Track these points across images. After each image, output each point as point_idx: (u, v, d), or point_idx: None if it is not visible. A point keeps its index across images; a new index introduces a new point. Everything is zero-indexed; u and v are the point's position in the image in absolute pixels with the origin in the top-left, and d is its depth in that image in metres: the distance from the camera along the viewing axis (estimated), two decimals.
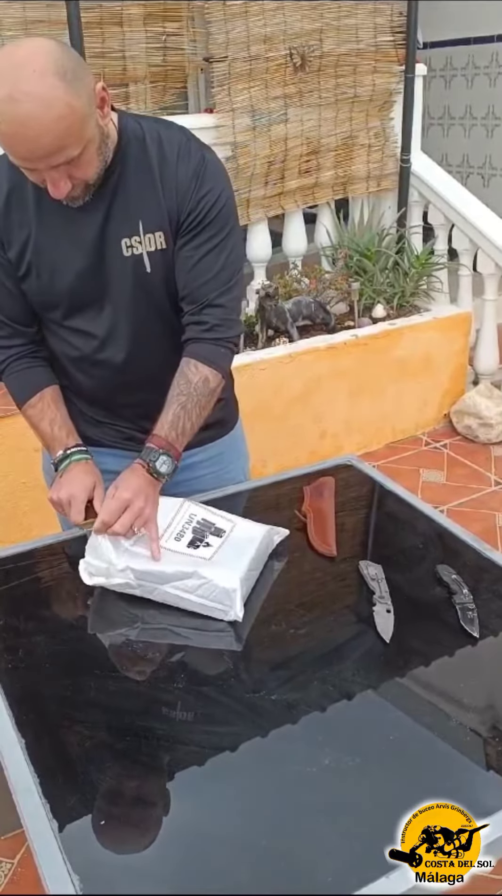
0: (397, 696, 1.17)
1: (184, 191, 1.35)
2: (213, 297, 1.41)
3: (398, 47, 3.82)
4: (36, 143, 1.15)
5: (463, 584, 1.36)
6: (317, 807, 1.00)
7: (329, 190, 3.90)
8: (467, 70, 5.38)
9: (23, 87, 1.11)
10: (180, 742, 1.10)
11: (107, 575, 1.32)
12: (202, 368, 1.42)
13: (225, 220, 1.39)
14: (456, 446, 3.76)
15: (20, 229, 1.37)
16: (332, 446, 3.56)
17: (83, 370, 1.51)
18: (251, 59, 3.40)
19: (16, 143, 1.16)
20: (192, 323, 1.43)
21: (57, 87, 1.12)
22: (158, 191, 1.35)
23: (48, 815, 0.98)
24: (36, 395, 1.50)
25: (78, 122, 1.17)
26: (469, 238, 3.84)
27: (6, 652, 1.25)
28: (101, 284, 1.40)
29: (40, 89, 1.12)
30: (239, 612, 1.27)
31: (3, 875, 1.75)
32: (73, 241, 1.36)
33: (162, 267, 1.39)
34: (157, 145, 1.35)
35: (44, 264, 1.39)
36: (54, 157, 1.18)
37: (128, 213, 1.35)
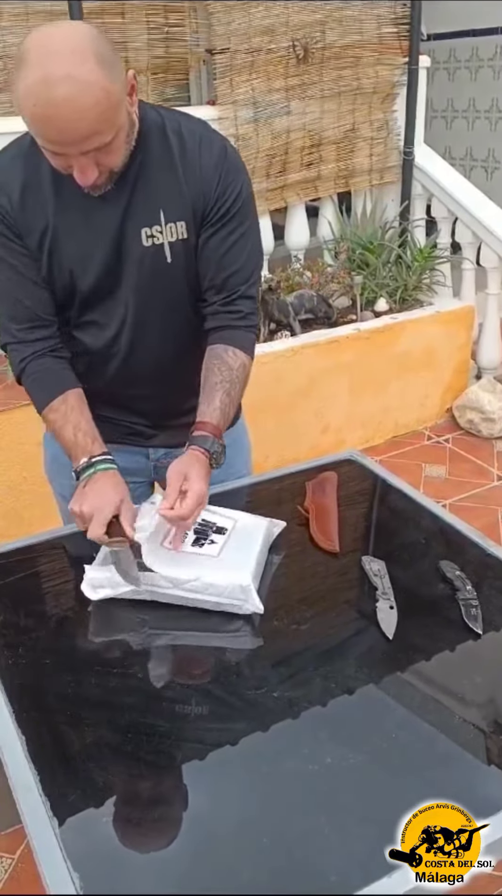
0: (400, 694, 1.16)
1: (208, 182, 1.34)
2: (244, 288, 1.43)
3: (401, 39, 3.79)
4: (71, 126, 1.13)
5: (466, 581, 1.35)
6: (319, 805, 0.99)
7: (331, 183, 3.88)
8: (471, 62, 5.36)
9: (61, 69, 1.09)
10: (181, 739, 1.09)
11: (113, 585, 1.29)
12: (240, 355, 1.44)
13: (248, 209, 1.42)
14: (458, 441, 3.75)
15: (37, 222, 1.34)
16: (334, 440, 3.55)
17: (93, 363, 1.49)
18: (253, 51, 3.38)
19: (50, 126, 1.14)
20: (224, 312, 1.43)
21: (95, 71, 1.11)
22: (180, 181, 1.34)
23: (48, 812, 0.97)
24: (58, 398, 1.41)
25: (113, 107, 1.16)
26: (472, 231, 3.82)
27: (6, 648, 1.25)
28: (119, 274, 1.38)
29: (79, 73, 1.10)
30: (258, 604, 1.27)
31: (4, 871, 1.75)
32: (93, 232, 1.35)
33: (182, 257, 1.38)
34: (177, 135, 1.34)
35: (62, 256, 1.37)
36: (87, 143, 1.16)
37: (150, 202, 1.34)
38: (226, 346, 1.43)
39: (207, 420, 1.37)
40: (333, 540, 1.47)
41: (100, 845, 0.96)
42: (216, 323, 1.44)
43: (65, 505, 1.65)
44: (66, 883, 0.89)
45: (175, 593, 1.28)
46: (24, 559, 1.48)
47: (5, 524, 2.78)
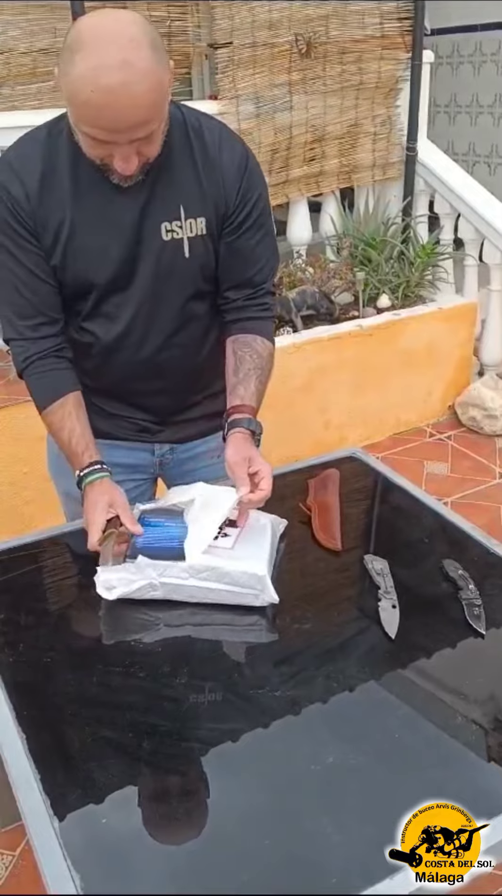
0: (402, 693, 1.15)
1: (230, 183, 1.37)
2: (268, 285, 1.50)
3: (405, 34, 3.77)
4: (125, 113, 1.13)
5: (469, 580, 1.34)
6: (320, 806, 0.98)
7: (334, 178, 3.86)
8: (474, 57, 5.33)
9: (118, 56, 1.09)
10: (183, 739, 1.08)
11: (127, 583, 1.28)
12: (268, 344, 1.50)
13: (268, 207, 1.46)
14: (460, 438, 3.74)
15: (54, 213, 1.33)
16: (336, 437, 3.55)
17: (103, 355, 1.48)
18: (256, 46, 3.37)
19: (104, 113, 1.13)
20: (251, 305, 1.48)
21: (149, 58, 1.12)
22: (201, 178, 1.35)
23: (48, 811, 0.97)
24: (57, 401, 1.43)
25: (163, 96, 1.17)
26: (475, 227, 3.81)
27: (7, 646, 1.24)
28: (135, 267, 1.38)
29: (136, 60, 1.10)
30: (273, 595, 1.27)
31: (4, 868, 1.75)
32: (111, 224, 1.34)
33: (201, 253, 1.39)
34: (197, 133, 1.35)
35: (79, 248, 1.35)
36: (138, 131, 1.16)
37: (170, 197, 1.34)
38: (254, 335, 1.48)
39: (246, 402, 1.43)
40: (335, 538, 1.46)
41: (100, 845, 0.96)
42: (240, 315, 1.48)
43: (69, 502, 1.65)
44: (67, 882, 0.89)
45: (189, 584, 1.28)
46: (27, 556, 1.48)
47: (7, 520, 2.77)
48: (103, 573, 1.29)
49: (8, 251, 1.36)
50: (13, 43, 3.00)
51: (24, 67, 3.01)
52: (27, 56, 3.02)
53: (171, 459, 1.65)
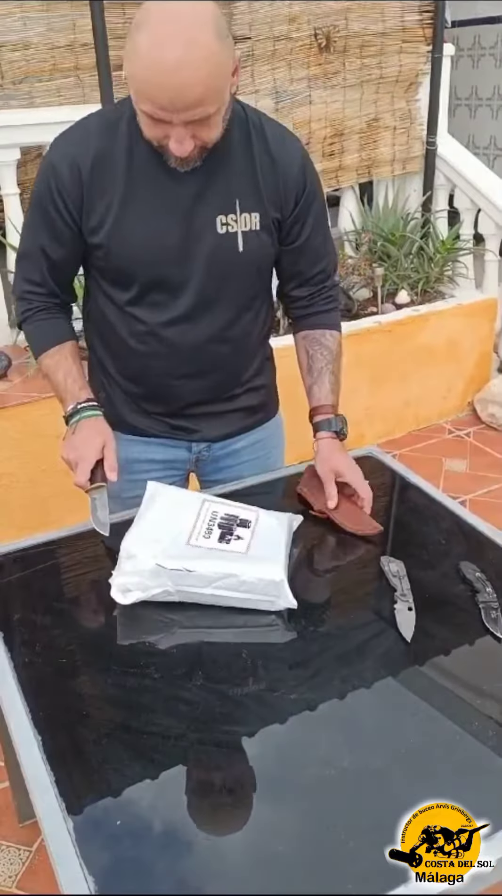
0: (418, 697, 1.14)
1: (293, 181, 1.40)
2: (334, 275, 1.57)
3: (425, 27, 3.74)
4: (184, 92, 1.14)
5: (486, 583, 1.33)
6: (335, 810, 0.98)
7: (353, 173, 3.84)
8: (496, 49, 5.27)
9: (184, 35, 1.12)
10: (197, 741, 1.08)
11: (143, 588, 1.28)
12: (335, 335, 1.58)
13: (324, 202, 1.51)
14: (479, 435, 3.71)
15: (104, 196, 1.34)
16: (354, 434, 3.49)
17: (151, 351, 1.48)
18: (275, 40, 3.35)
19: (162, 90, 1.14)
20: (319, 300, 1.56)
21: (213, 42, 1.13)
22: (258, 174, 1.37)
23: (63, 813, 0.97)
24: (55, 346, 1.50)
25: (223, 80, 1.18)
26: (495, 222, 3.78)
27: (23, 646, 1.25)
28: (188, 258, 1.38)
29: (198, 40, 1.12)
30: (291, 600, 1.26)
31: (21, 863, 1.76)
32: (164, 212, 1.35)
33: (255, 247, 1.40)
34: (259, 131, 1.37)
35: (127, 233, 1.36)
36: (194, 111, 1.17)
37: (227, 189, 1.35)
38: (322, 329, 1.56)
39: (324, 402, 1.53)
40: (370, 523, 1.47)
41: (114, 847, 0.96)
42: (308, 311, 1.55)
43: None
44: (81, 884, 0.89)
45: (206, 592, 1.28)
46: (43, 555, 1.48)
47: (26, 516, 2.79)
48: (119, 577, 1.29)
49: (43, 215, 1.40)
50: (34, 39, 3.00)
51: (45, 64, 3.01)
52: (48, 52, 3.02)
53: (208, 456, 1.65)
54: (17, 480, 2.79)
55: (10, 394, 2.77)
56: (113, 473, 1.40)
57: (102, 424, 1.46)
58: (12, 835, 1.82)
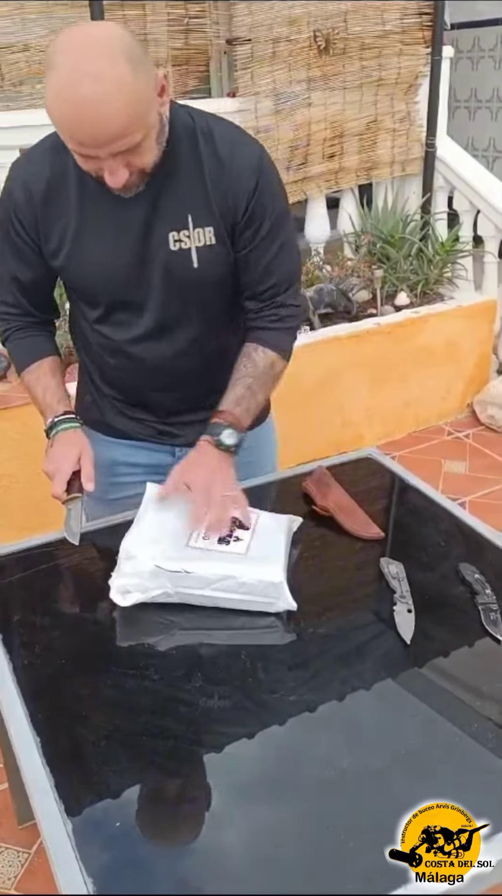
0: (417, 699, 1.14)
1: (242, 193, 1.33)
2: (282, 298, 1.45)
3: (425, 29, 3.75)
4: (102, 127, 1.12)
5: (486, 584, 1.33)
6: (335, 811, 0.98)
7: (353, 175, 3.85)
8: (495, 51, 5.28)
9: (92, 69, 1.09)
10: (197, 743, 1.08)
11: (143, 590, 1.28)
12: (269, 353, 1.46)
13: (284, 218, 1.40)
14: (478, 436, 3.72)
15: (59, 219, 1.34)
16: (353, 435, 3.53)
17: (121, 366, 1.49)
18: (275, 42, 3.35)
19: (80, 127, 1.13)
20: (263, 316, 1.46)
21: (125, 71, 1.10)
22: (208, 187, 1.32)
23: (62, 815, 0.97)
24: (35, 363, 1.51)
25: (143, 108, 1.15)
26: (494, 224, 3.78)
27: (22, 647, 1.24)
28: (144, 278, 1.37)
29: (109, 73, 1.09)
30: (291, 602, 1.26)
31: (21, 865, 1.76)
32: (118, 233, 1.34)
33: (209, 262, 1.37)
34: (208, 139, 1.32)
35: (84, 256, 1.36)
36: (117, 144, 1.15)
37: (178, 206, 1.33)
38: (256, 345, 1.46)
39: (222, 409, 1.42)
40: (373, 527, 1.47)
41: (114, 849, 0.95)
42: (253, 324, 1.47)
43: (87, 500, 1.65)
44: (79, 886, 0.89)
45: (205, 594, 1.28)
46: (43, 556, 1.48)
47: (25, 517, 2.78)
48: (118, 579, 1.29)
49: (6, 237, 1.40)
50: (34, 41, 3.00)
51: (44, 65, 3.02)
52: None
53: None
54: (17, 481, 2.79)
55: (10, 395, 2.77)
56: (89, 484, 1.42)
57: (79, 436, 1.47)
58: (11, 837, 1.82)
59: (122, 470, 1.60)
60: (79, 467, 1.43)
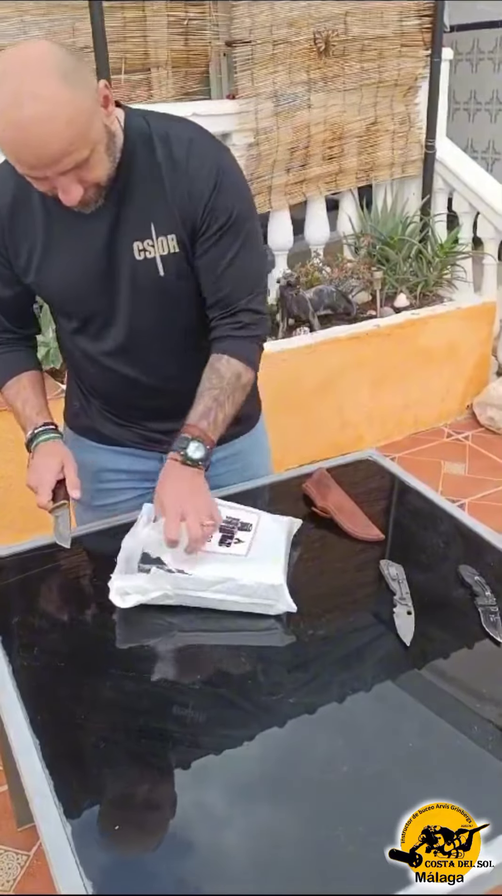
0: (417, 702, 1.14)
1: (199, 195, 1.29)
2: (243, 303, 1.40)
3: (424, 31, 3.75)
4: (44, 149, 1.10)
5: (485, 586, 1.33)
6: (334, 815, 0.98)
7: (352, 176, 3.85)
8: (494, 54, 5.28)
9: (26, 91, 1.07)
10: (196, 745, 1.08)
11: (142, 592, 1.28)
12: (234, 363, 1.40)
13: (246, 220, 1.35)
14: (478, 438, 3.72)
15: (26, 238, 1.34)
16: (353, 437, 3.53)
17: (102, 375, 1.49)
18: (274, 43, 3.35)
19: (23, 150, 1.12)
20: (224, 324, 1.41)
21: (60, 89, 1.08)
22: (167, 194, 1.30)
23: (61, 818, 0.97)
24: (13, 378, 1.51)
25: (85, 123, 1.12)
26: (494, 226, 3.78)
27: (22, 649, 1.24)
28: (113, 290, 1.36)
29: (45, 92, 1.07)
30: (291, 604, 1.26)
31: (20, 867, 1.76)
32: (83, 247, 1.33)
33: (175, 270, 1.35)
34: (165, 144, 1.29)
35: (53, 271, 1.36)
36: (63, 163, 1.13)
37: (139, 215, 1.31)
38: (220, 355, 1.40)
39: (187, 423, 1.36)
40: (373, 529, 1.47)
41: (113, 852, 0.95)
42: (216, 333, 1.42)
43: (78, 509, 1.65)
44: (79, 889, 0.89)
45: (205, 596, 1.27)
46: (42, 559, 1.48)
47: (24, 519, 2.78)
48: (117, 580, 1.29)
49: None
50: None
51: None
52: None
53: None
54: (15, 483, 2.78)
55: None
56: (76, 491, 1.40)
57: (58, 446, 1.46)
58: (10, 839, 1.82)
59: (111, 476, 1.60)
60: (62, 476, 1.41)
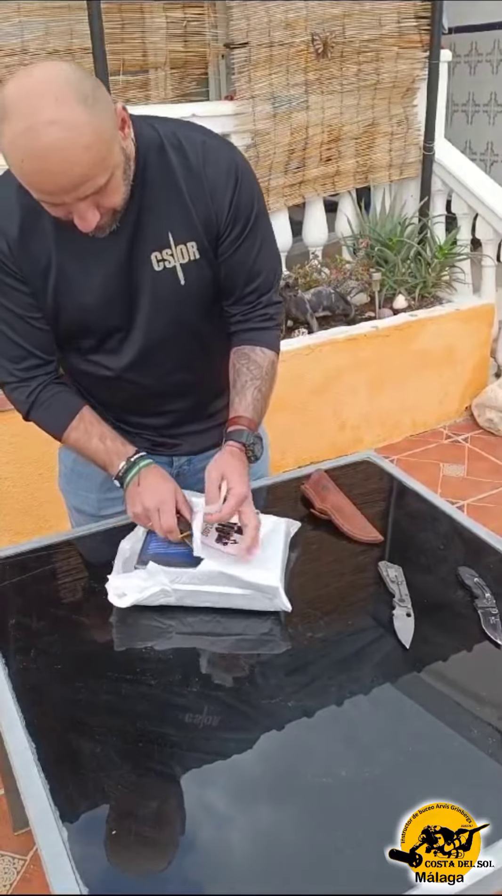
0: (417, 705, 1.13)
1: (220, 197, 1.29)
2: (268, 297, 1.44)
3: (422, 32, 3.75)
4: (64, 176, 1.07)
5: (485, 588, 1.32)
6: (333, 820, 0.97)
7: (350, 178, 3.84)
8: (492, 55, 5.29)
9: (44, 117, 1.03)
10: (193, 749, 1.07)
11: (139, 590, 1.27)
12: (268, 353, 1.45)
13: (263, 214, 1.39)
14: (477, 440, 3.71)
15: (38, 259, 1.29)
16: (352, 438, 3.53)
17: (114, 387, 1.46)
18: (272, 45, 3.35)
19: (41, 178, 1.08)
20: (254, 316, 1.44)
21: (80, 113, 1.05)
22: (186, 200, 1.28)
23: (57, 823, 0.96)
24: (75, 418, 1.42)
25: (105, 148, 1.10)
26: (492, 228, 3.78)
27: (18, 652, 1.23)
28: (132, 302, 1.34)
29: (64, 117, 1.04)
30: (287, 604, 1.26)
31: (16, 872, 1.75)
32: (100, 264, 1.30)
33: (196, 277, 1.34)
34: (178, 151, 1.28)
35: (70, 292, 1.32)
36: (83, 189, 1.10)
37: (156, 226, 1.29)
38: (253, 346, 1.44)
39: (241, 414, 1.40)
40: (373, 531, 1.47)
41: (109, 857, 0.94)
42: (242, 327, 1.44)
43: (79, 517, 1.64)
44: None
45: (202, 590, 1.27)
46: (39, 560, 1.47)
47: (23, 520, 2.77)
48: (114, 580, 1.28)
49: (11, 302, 1.33)
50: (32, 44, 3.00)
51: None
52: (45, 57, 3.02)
53: (188, 470, 1.63)
54: (14, 485, 2.78)
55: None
56: (189, 513, 1.37)
57: (164, 472, 1.42)
58: (7, 843, 1.81)
59: (118, 484, 1.58)
60: (177, 503, 1.37)
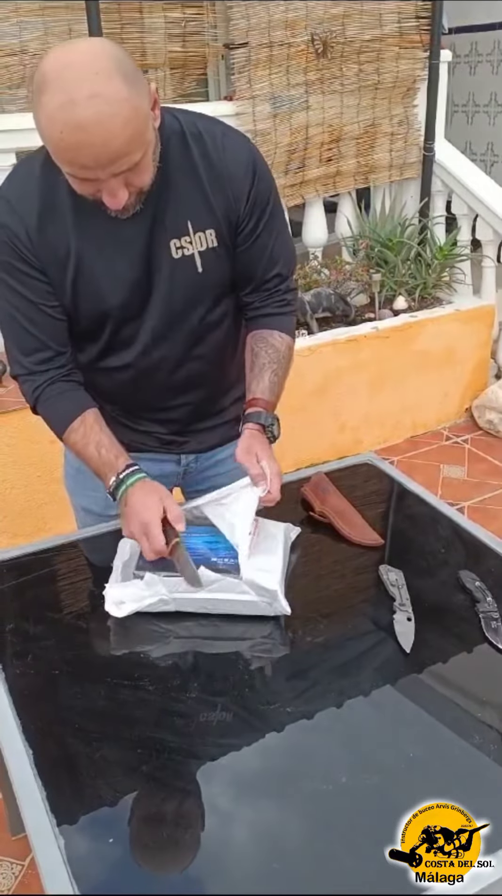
0: (417, 710, 1.13)
1: (238, 184, 1.31)
2: (289, 282, 1.48)
3: (422, 33, 3.74)
4: (103, 149, 1.07)
5: (486, 592, 1.31)
6: (332, 827, 0.96)
7: (351, 179, 3.83)
8: (492, 56, 5.28)
9: (86, 90, 1.04)
10: (192, 755, 1.06)
11: (138, 599, 1.26)
12: (286, 338, 1.48)
13: (278, 205, 1.41)
14: (477, 441, 3.70)
15: (58, 247, 1.28)
16: (352, 440, 3.52)
17: (127, 379, 1.45)
18: (272, 45, 3.34)
19: (80, 151, 1.08)
20: (272, 302, 1.47)
21: (122, 88, 1.06)
22: (205, 188, 1.29)
23: (54, 829, 0.95)
24: (77, 419, 1.39)
25: (142, 124, 1.11)
26: (493, 228, 3.77)
27: (15, 657, 1.22)
28: (149, 289, 1.34)
29: (106, 92, 1.04)
30: (286, 607, 1.25)
31: (14, 876, 1.74)
32: (120, 250, 1.30)
33: (214, 265, 1.35)
34: (197, 140, 1.29)
35: (89, 277, 1.31)
36: (119, 164, 1.10)
37: (176, 213, 1.29)
38: (271, 330, 1.46)
39: (258, 396, 1.41)
40: (373, 534, 1.46)
41: (105, 865, 0.94)
42: (260, 311, 1.47)
43: (87, 518, 1.63)
44: None
45: (201, 596, 1.26)
46: (37, 563, 1.46)
47: (22, 521, 2.76)
48: (112, 589, 1.27)
49: (10, 288, 1.32)
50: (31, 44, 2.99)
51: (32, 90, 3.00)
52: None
53: (195, 468, 1.63)
54: (13, 487, 2.76)
55: (6, 399, 2.74)
56: (180, 524, 1.31)
57: (150, 483, 1.36)
58: (5, 848, 1.80)
59: None
60: (164, 515, 1.31)
